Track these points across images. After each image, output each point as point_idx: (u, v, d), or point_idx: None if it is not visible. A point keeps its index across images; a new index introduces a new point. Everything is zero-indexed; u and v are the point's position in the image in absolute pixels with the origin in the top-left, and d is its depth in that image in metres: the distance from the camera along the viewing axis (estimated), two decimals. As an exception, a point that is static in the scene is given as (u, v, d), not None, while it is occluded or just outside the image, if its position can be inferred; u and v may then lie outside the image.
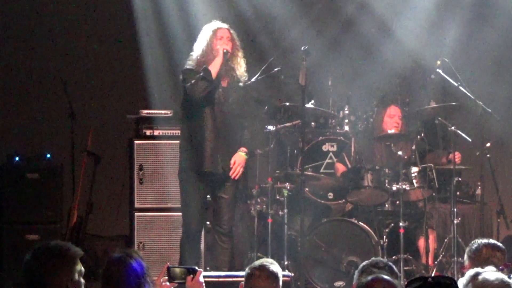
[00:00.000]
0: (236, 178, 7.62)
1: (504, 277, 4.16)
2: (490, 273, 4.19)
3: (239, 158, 7.64)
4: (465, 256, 5.46)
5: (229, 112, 7.68)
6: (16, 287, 8.39)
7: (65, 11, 10.42)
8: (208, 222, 8.34)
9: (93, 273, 8.11)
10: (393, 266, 4.77)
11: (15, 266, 8.69)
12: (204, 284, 5.16)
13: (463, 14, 10.12)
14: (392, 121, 8.92)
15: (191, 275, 5.13)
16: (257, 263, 4.85)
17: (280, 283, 4.86)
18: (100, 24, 10.44)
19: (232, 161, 7.61)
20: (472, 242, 5.49)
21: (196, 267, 5.24)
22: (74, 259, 4.29)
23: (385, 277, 3.99)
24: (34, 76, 10.38)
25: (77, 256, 4.31)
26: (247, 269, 4.83)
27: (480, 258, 5.33)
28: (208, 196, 7.85)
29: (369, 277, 4.01)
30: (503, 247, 5.45)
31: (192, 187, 7.62)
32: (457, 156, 8.81)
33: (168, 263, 5.26)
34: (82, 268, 4.31)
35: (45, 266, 4.24)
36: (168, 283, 5.12)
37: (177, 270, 5.16)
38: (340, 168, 8.99)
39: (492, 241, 5.51)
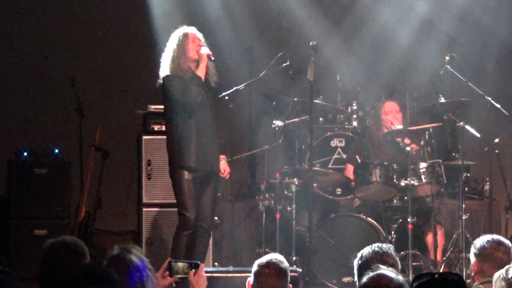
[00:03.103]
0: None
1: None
2: None
3: (225, 165, 7.87)
4: (471, 254, 5.43)
5: (210, 110, 7.73)
6: (24, 281, 8.38)
7: (73, 7, 10.42)
8: (216, 218, 8.35)
9: (101, 268, 8.09)
10: (395, 257, 4.70)
11: (23, 261, 8.71)
12: (206, 278, 5.12)
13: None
14: (388, 118, 8.91)
15: (193, 270, 5.09)
16: (265, 259, 4.80)
17: (289, 279, 4.84)
18: (108, 20, 10.43)
19: (222, 170, 7.80)
20: (477, 239, 5.47)
21: (199, 262, 5.20)
22: (87, 254, 4.46)
23: (388, 274, 3.84)
24: (42, 71, 10.37)
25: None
26: (255, 266, 4.79)
27: (484, 253, 5.32)
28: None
29: (371, 274, 3.86)
30: (508, 241, 5.43)
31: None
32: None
33: (170, 258, 5.23)
34: None
35: (63, 260, 4.32)
36: (169, 277, 5.08)
37: (180, 264, 5.09)
38: (350, 168, 8.97)
39: (496, 236, 5.47)
